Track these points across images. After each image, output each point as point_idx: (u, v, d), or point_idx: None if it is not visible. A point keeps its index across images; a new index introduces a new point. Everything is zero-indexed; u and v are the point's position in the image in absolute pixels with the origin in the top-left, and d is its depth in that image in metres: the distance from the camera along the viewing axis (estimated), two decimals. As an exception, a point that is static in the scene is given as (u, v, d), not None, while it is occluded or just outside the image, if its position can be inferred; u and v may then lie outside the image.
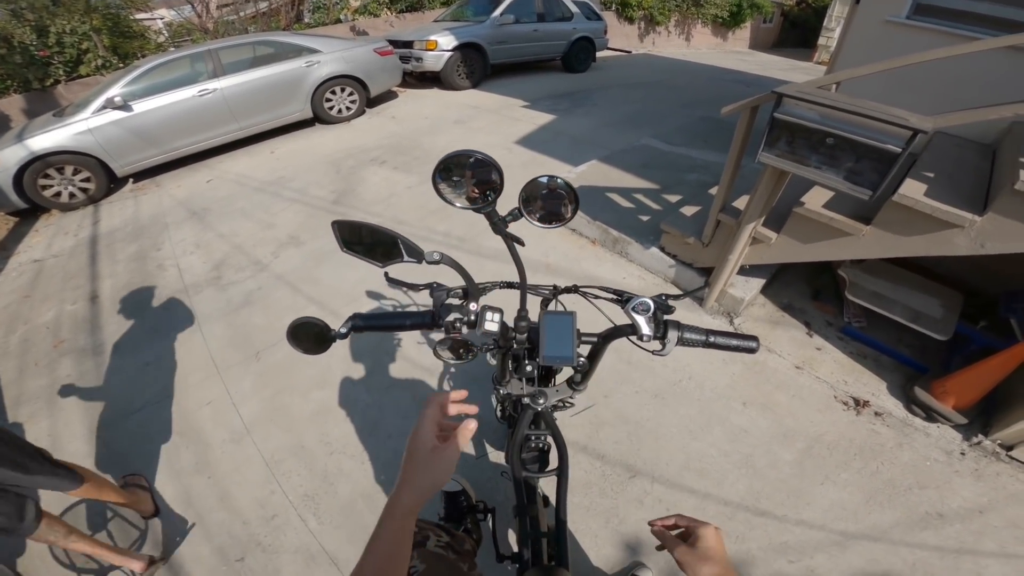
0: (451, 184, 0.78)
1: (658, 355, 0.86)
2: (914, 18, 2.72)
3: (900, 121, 1.41)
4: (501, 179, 0.76)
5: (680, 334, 0.86)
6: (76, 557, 1.85)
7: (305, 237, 3.75)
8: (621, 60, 11.15)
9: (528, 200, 0.84)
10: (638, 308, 0.86)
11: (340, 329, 0.91)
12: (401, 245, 0.87)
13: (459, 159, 0.75)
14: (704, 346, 0.88)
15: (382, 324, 0.95)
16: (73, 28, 6.22)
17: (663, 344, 0.86)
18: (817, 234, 2.17)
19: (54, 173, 4.43)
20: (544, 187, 0.82)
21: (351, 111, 6.31)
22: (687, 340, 0.87)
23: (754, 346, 0.88)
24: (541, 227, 0.85)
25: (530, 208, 0.84)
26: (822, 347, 2.59)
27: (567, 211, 0.83)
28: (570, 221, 0.84)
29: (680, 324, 0.87)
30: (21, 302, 3.38)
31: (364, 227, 0.91)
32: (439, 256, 0.86)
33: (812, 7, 19.55)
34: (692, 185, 3.93)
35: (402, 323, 0.95)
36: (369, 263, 0.93)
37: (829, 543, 1.78)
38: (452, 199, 0.78)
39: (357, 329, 0.93)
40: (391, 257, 0.90)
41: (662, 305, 0.88)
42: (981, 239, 1.67)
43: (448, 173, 0.77)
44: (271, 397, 2.45)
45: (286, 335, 0.89)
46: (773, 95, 1.78)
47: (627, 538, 1.81)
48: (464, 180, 0.77)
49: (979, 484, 1.94)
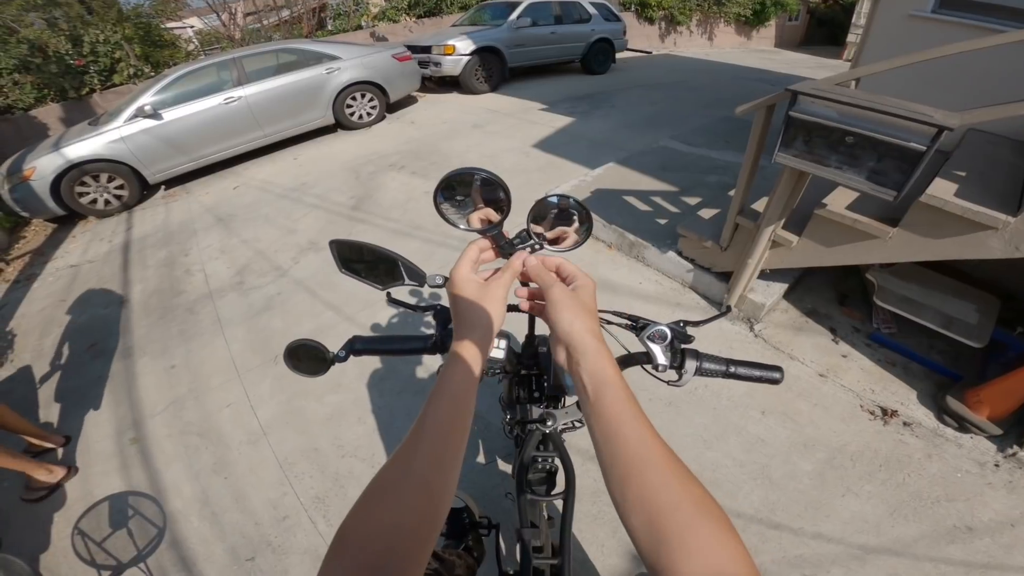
0: (454, 204, 0.72)
1: (674, 386, 0.80)
2: (940, 12, 2.62)
3: (924, 118, 1.34)
4: (508, 199, 0.70)
5: (699, 364, 0.79)
6: (97, 553, 1.91)
7: (324, 243, 3.81)
8: (641, 61, 11.05)
9: (537, 220, 0.76)
10: (654, 337, 0.79)
11: (339, 352, 0.89)
12: (402, 267, 0.85)
13: (463, 177, 0.69)
14: (724, 376, 0.81)
15: (382, 348, 0.93)
16: (106, 37, 6.46)
17: (680, 375, 0.80)
18: (841, 237, 2.09)
19: (90, 181, 4.64)
20: (554, 207, 0.75)
21: (371, 117, 6.42)
22: (706, 371, 0.80)
23: (778, 377, 0.81)
24: (552, 252, 0.76)
25: (539, 233, 0.77)
26: (848, 354, 2.49)
27: (580, 235, 0.77)
28: (582, 244, 0.77)
29: (699, 354, 0.81)
30: (57, 306, 3.54)
31: (364, 247, 0.87)
32: (442, 280, 0.81)
33: (840, 3, 18.99)
34: (712, 187, 3.86)
35: (402, 347, 0.93)
36: (369, 285, 0.89)
37: (848, 557, 1.71)
38: (455, 220, 0.72)
39: (356, 352, 0.90)
40: (393, 279, 0.87)
41: (679, 333, 0.81)
42: (1016, 241, 1.57)
43: (451, 192, 0.70)
44: (287, 400, 2.50)
45: (283, 356, 0.87)
46: (788, 93, 1.72)
47: (634, 549, 1.77)
48: (468, 199, 0.72)
49: (1012, 496, 1.84)
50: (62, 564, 1.89)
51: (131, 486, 2.18)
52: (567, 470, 0.97)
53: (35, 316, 3.47)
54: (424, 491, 0.45)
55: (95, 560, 1.89)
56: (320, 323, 2.96)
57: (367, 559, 0.39)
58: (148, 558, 1.89)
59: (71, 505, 2.12)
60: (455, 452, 0.50)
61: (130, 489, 2.16)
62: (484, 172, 0.68)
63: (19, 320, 3.47)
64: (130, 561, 1.89)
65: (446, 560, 1.12)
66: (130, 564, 1.88)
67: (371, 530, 0.42)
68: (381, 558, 0.39)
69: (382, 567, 0.39)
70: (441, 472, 0.48)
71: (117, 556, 1.91)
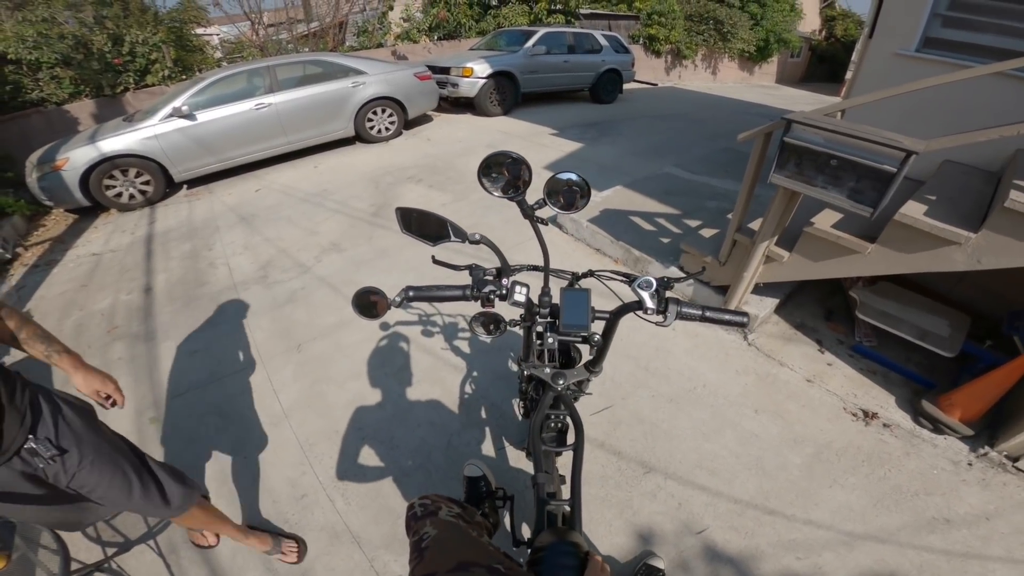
0: (491, 179, 1.02)
1: (661, 326, 1.03)
2: (923, 51, 2.84)
3: (894, 143, 1.58)
4: (530, 175, 1.01)
5: (679, 308, 1.03)
6: (103, 530, 1.90)
7: (346, 245, 4.01)
8: (647, 92, 11.46)
9: (551, 193, 1.07)
10: (642, 285, 1.03)
11: (395, 298, 1.10)
12: (449, 227, 1.10)
13: (499, 158, 1.00)
14: (700, 320, 1.05)
15: (430, 295, 1.14)
16: (145, 39, 6.69)
17: (665, 316, 1.03)
18: (826, 252, 2.31)
19: (118, 175, 4.82)
20: (563, 183, 1.05)
21: (390, 132, 6.65)
22: (685, 314, 1.04)
23: (745, 320, 1.06)
24: (561, 213, 1.08)
25: (552, 199, 1.07)
26: (833, 363, 2.69)
27: (581, 202, 1.06)
28: (583, 209, 1.10)
29: (679, 300, 1.05)
30: (78, 290, 3.66)
31: (421, 212, 1.14)
32: (480, 237, 1.08)
33: (841, 41, 19.60)
34: (711, 211, 4.09)
35: (446, 295, 1.15)
36: (423, 242, 1.14)
37: (837, 542, 1.84)
38: (491, 190, 1.02)
39: (409, 300, 1.12)
40: (441, 237, 1.12)
41: (663, 283, 1.06)
42: (977, 255, 1.79)
43: (489, 169, 1.01)
44: (310, 385, 2.60)
45: (351, 301, 1.09)
46: (783, 122, 1.96)
47: (640, 528, 1.90)
48: (501, 175, 1.02)
49: (986, 493, 2.00)
50: (67, 539, 1.81)
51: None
52: (576, 425, 1.13)
53: (55, 299, 3.58)
54: None
55: (100, 536, 1.88)
56: (343, 317, 3.10)
57: None
58: (158, 535, 1.90)
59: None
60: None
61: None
62: (514, 154, 0.99)
63: (37, 302, 3.57)
64: (139, 538, 1.89)
65: (468, 508, 1.22)
66: (138, 541, 1.87)
67: None
68: None
69: None
70: None
71: (125, 533, 1.90)
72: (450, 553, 0.89)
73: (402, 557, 1.81)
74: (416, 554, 0.93)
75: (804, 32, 18.63)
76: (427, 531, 0.98)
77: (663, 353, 2.78)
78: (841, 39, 19.75)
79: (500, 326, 1.25)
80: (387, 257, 3.80)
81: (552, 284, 1.24)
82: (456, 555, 0.87)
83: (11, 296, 3.69)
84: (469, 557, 0.86)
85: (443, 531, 0.98)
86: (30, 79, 6.08)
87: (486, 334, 1.26)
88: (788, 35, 16.31)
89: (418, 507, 1.11)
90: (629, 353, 2.75)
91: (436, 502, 1.12)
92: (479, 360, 2.75)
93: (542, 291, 1.24)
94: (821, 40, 19.99)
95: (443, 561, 0.85)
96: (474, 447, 2.24)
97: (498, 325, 1.25)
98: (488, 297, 1.13)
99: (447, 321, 3.06)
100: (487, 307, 1.17)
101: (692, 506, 1.98)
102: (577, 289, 1.21)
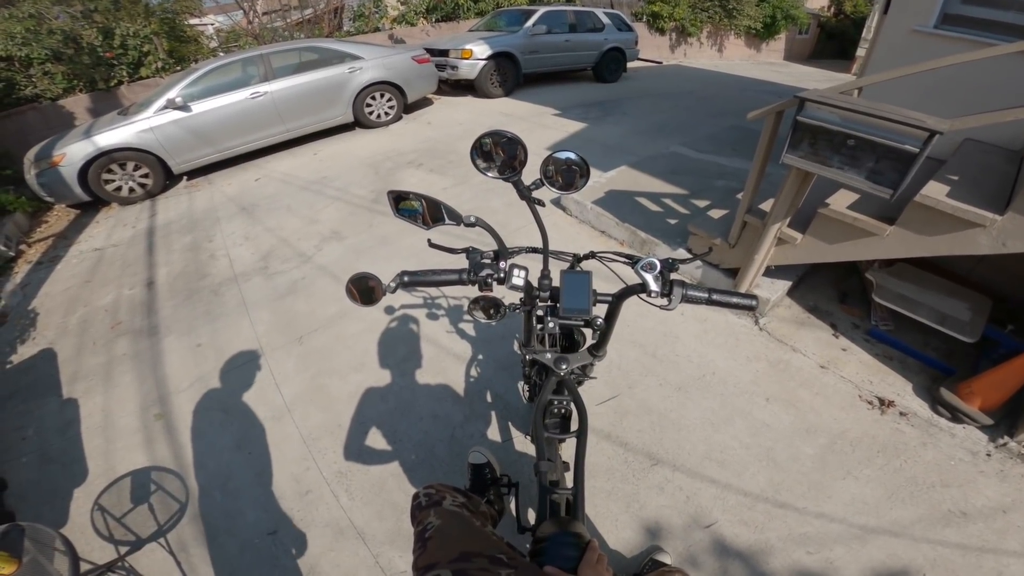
0: (485, 159, 0.97)
1: (665, 309, 0.96)
2: (941, 28, 2.75)
3: (917, 123, 1.48)
4: (525, 155, 0.95)
5: (684, 291, 0.95)
6: (115, 528, 1.92)
7: (346, 232, 3.96)
8: (652, 70, 11.20)
9: (549, 173, 1.01)
10: (645, 267, 0.96)
11: (390, 284, 1.05)
12: (443, 210, 1.05)
13: (493, 137, 0.94)
14: (707, 303, 0.97)
15: (426, 280, 1.08)
16: (136, 31, 6.61)
17: (669, 300, 0.95)
18: (842, 234, 2.22)
19: (116, 169, 4.79)
20: (562, 162, 1.00)
21: (389, 116, 6.56)
22: (691, 297, 0.96)
23: (753, 304, 0.97)
24: (559, 193, 1.03)
25: (550, 179, 1.02)
26: (848, 348, 2.61)
27: (580, 182, 1.01)
28: (583, 189, 1.03)
29: (684, 283, 0.97)
30: (81, 286, 3.67)
31: (413, 195, 1.08)
32: (475, 219, 1.02)
33: (850, 17, 19.11)
34: (720, 191, 3.98)
35: (442, 279, 1.09)
36: (416, 226, 1.09)
37: (849, 536, 1.79)
38: (485, 170, 0.97)
39: (404, 285, 1.06)
40: (435, 220, 1.07)
41: (667, 264, 0.98)
42: (1003, 238, 1.70)
43: (483, 149, 0.96)
44: (312, 378, 2.59)
45: (345, 288, 1.04)
46: (796, 100, 1.86)
47: (647, 523, 1.86)
48: (495, 155, 0.96)
49: (1004, 484, 1.94)
50: (79, 540, 1.86)
51: (154, 461, 2.22)
52: (580, 412, 1.08)
53: (59, 296, 3.59)
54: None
55: (112, 535, 1.90)
56: (343, 307, 3.07)
57: None
58: (168, 533, 1.91)
59: (92, 480, 2.15)
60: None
61: (153, 464, 2.21)
62: (509, 134, 0.93)
63: (42, 299, 3.58)
64: (150, 536, 1.90)
65: (472, 497, 1.20)
66: (149, 539, 1.88)
67: None
68: None
69: None
70: None
71: (137, 531, 1.91)
72: (453, 543, 0.90)
73: (407, 553, 1.79)
74: (419, 544, 0.94)
75: (812, 8, 18.13)
76: (431, 521, 0.99)
77: (671, 339, 2.71)
78: (851, 15, 19.20)
79: (500, 310, 1.19)
80: (388, 244, 3.75)
81: (553, 266, 1.18)
82: (459, 545, 0.89)
83: (16, 294, 3.69)
84: (472, 547, 0.86)
85: (446, 521, 0.99)
86: (22, 75, 6.04)
87: (486, 319, 1.20)
88: (796, 11, 15.85)
89: (423, 497, 1.11)
90: (636, 339, 2.70)
91: (440, 492, 1.12)
92: (482, 348, 2.70)
93: (541, 274, 1.18)
94: (830, 16, 19.46)
95: (446, 551, 0.87)
96: (478, 440, 2.21)
97: (498, 309, 1.19)
98: (486, 281, 1.05)
99: (451, 305, 3.02)
100: (485, 291, 1.10)
101: (701, 499, 1.93)
102: (578, 271, 1.14)
